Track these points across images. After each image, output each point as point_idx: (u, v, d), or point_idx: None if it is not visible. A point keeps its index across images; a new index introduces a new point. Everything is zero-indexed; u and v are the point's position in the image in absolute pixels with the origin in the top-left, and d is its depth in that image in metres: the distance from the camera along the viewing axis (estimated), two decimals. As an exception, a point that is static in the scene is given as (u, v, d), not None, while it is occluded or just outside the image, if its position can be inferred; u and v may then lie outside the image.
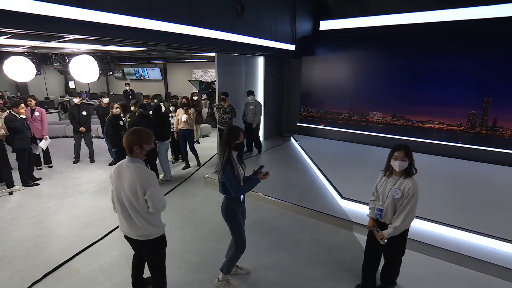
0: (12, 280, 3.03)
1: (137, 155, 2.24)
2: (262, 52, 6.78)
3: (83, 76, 5.80)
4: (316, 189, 5.03)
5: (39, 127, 6.06)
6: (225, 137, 2.60)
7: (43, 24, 2.95)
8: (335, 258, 3.41)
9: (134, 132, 2.24)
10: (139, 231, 2.31)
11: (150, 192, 2.17)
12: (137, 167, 2.21)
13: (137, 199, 2.19)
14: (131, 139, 2.20)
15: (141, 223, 2.27)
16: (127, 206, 2.24)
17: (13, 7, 2.66)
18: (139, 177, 2.17)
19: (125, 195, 2.21)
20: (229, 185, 2.58)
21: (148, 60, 13.19)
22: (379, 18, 7.07)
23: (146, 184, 2.17)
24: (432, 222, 3.73)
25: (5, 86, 12.08)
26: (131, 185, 2.17)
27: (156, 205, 2.23)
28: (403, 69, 6.75)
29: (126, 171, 2.22)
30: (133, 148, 2.20)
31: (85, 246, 3.57)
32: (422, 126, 6.73)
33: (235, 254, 2.86)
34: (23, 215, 4.34)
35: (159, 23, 3.97)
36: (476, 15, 5.95)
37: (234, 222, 2.78)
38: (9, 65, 5.83)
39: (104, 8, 3.33)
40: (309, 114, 8.43)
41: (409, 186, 2.42)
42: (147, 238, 2.34)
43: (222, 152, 2.64)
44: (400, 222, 2.44)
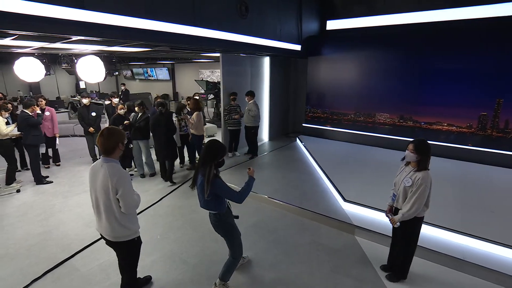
0: (13, 277, 3.08)
1: (115, 155, 2.26)
2: (267, 52, 6.74)
3: (90, 76, 5.87)
4: (319, 192, 4.96)
5: (49, 126, 6.20)
6: (212, 153, 2.46)
7: (44, 25, 3.00)
8: (335, 262, 3.35)
9: (114, 132, 2.26)
10: (110, 232, 2.31)
11: (121, 191, 2.17)
12: (111, 166, 2.21)
13: (109, 199, 2.20)
14: (113, 139, 2.21)
15: (112, 224, 2.27)
16: (100, 206, 2.25)
17: (16, 9, 2.71)
18: (110, 176, 2.16)
19: (99, 194, 2.22)
20: (229, 196, 2.52)
21: (156, 61, 13.32)
22: (386, 17, 6.94)
23: (118, 183, 2.16)
24: (437, 228, 3.62)
25: (19, 86, 12.40)
26: (104, 184, 2.18)
27: (128, 204, 2.22)
28: (411, 69, 6.60)
29: (100, 171, 2.22)
30: (118, 147, 2.24)
31: (86, 245, 3.61)
32: (431, 128, 6.56)
33: (234, 263, 2.83)
34: (29, 212, 4.43)
35: (161, 24, 3.99)
36: (487, 14, 5.78)
37: (233, 234, 2.75)
38: (20, 65, 5.96)
39: (107, 9, 3.36)
40: (315, 115, 8.34)
41: (419, 176, 2.61)
42: (118, 240, 2.34)
43: (206, 169, 2.42)
44: (407, 209, 2.64)
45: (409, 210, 2.63)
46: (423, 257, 3.34)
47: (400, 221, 2.75)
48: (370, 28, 7.23)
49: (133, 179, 5.79)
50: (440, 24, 6.26)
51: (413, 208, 2.61)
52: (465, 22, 6.00)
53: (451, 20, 6.12)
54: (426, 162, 2.66)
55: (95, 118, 6.56)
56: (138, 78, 16.32)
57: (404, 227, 2.79)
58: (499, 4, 5.61)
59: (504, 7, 5.56)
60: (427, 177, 2.61)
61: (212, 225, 2.72)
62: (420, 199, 2.59)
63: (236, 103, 6.59)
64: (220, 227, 2.70)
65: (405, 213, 2.66)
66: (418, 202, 2.59)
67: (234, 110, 6.55)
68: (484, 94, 5.86)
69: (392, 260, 3.13)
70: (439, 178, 5.10)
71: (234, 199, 2.52)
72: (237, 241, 2.78)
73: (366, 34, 7.23)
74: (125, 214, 2.29)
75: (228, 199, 2.58)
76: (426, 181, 2.60)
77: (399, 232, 2.90)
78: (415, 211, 2.62)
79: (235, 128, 6.67)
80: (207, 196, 2.43)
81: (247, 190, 2.60)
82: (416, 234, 2.85)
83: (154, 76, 15.58)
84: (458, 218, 3.83)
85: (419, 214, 2.70)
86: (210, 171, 2.41)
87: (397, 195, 2.83)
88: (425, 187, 2.59)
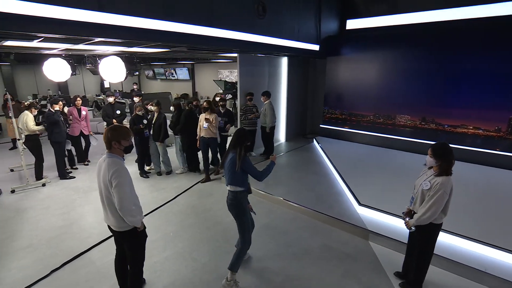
0: (35, 267, 3.26)
1: (115, 150, 2.38)
2: (285, 53, 6.70)
3: (111, 76, 6.11)
4: (333, 194, 4.87)
5: (85, 125, 6.52)
6: (241, 137, 2.88)
7: (67, 27, 3.13)
8: (346, 267, 3.27)
9: (114, 128, 2.39)
10: (114, 222, 2.43)
11: (114, 184, 2.26)
12: (112, 161, 2.32)
13: (108, 191, 2.32)
14: (110, 135, 2.34)
15: (114, 215, 2.39)
16: (104, 198, 2.39)
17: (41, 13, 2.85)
18: (110, 169, 2.28)
19: (102, 187, 2.36)
20: (253, 173, 2.91)
21: (176, 61, 13.60)
22: (409, 16, 6.68)
23: (114, 176, 2.26)
24: (456, 236, 3.44)
25: (48, 85, 13.07)
26: (104, 178, 2.31)
27: (121, 198, 2.27)
28: (434, 69, 6.32)
29: (102, 165, 2.36)
30: (112, 143, 2.35)
31: (102, 239, 3.75)
32: (455, 131, 6.25)
33: (243, 250, 3.00)
34: (52, 206, 4.66)
35: (178, 25, 4.05)
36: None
37: (245, 217, 2.98)
38: (48, 66, 6.30)
39: (125, 11, 3.46)
40: (333, 116, 8.19)
41: (438, 181, 2.49)
42: (121, 229, 2.46)
43: (237, 149, 2.86)
44: (422, 213, 2.54)
45: (423, 215, 2.52)
46: (440, 266, 3.19)
47: (415, 226, 2.64)
48: (392, 27, 6.99)
49: (150, 177, 5.97)
50: (466, 22, 5.94)
51: (428, 213, 2.50)
52: (493, 20, 5.66)
53: (478, 17, 5.79)
54: (447, 167, 2.52)
55: (120, 116, 6.78)
56: (160, 78, 16.73)
57: (419, 233, 2.68)
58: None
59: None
60: (446, 183, 2.48)
61: (228, 204, 3.00)
62: (437, 205, 2.47)
63: (252, 103, 6.58)
64: (234, 207, 2.96)
65: (420, 217, 2.55)
66: (434, 207, 2.47)
67: (250, 110, 6.54)
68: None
69: (407, 268, 3.02)
70: (463, 183, 4.87)
71: (257, 175, 2.91)
72: (247, 225, 2.99)
73: (388, 33, 7.00)
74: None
75: (251, 174, 2.91)
76: (445, 187, 2.47)
77: (414, 238, 2.80)
78: (430, 217, 2.50)
79: (250, 128, 6.62)
80: (237, 169, 2.81)
81: (268, 171, 2.97)
82: (432, 241, 2.71)
83: (174, 76, 15.91)
84: (480, 227, 3.62)
85: (435, 221, 2.57)
86: (240, 151, 2.84)
87: (415, 198, 2.73)
88: (443, 192, 2.46)
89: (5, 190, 5.21)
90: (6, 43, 4.49)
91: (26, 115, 5.43)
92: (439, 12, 6.22)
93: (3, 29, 2.81)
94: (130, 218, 2.37)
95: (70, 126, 6.22)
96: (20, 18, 2.74)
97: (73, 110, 6.37)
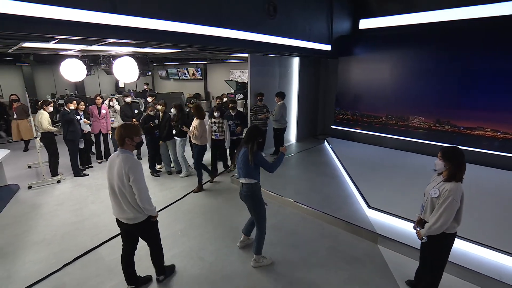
0: (48, 261, 3.37)
1: (128, 146, 2.53)
2: (296, 53, 6.66)
3: (124, 76, 6.23)
4: (342, 196, 4.81)
5: (104, 124, 6.69)
6: (253, 134, 3.06)
7: (81, 29, 3.22)
8: (353, 270, 3.22)
9: (127, 126, 2.57)
10: (126, 215, 2.58)
11: (133, 178, 2.42)
12: (126, 156, 2.48)
13: (124, 185, 2.46)
14: (123, 132, 2.50)
15: (128, 207, 2.54)
16: (116, 192, 2.52)
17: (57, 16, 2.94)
18: (125, 164, 2.43)
19: (115, 181, 2.49)
20: (265, 166, 3.08)
21: (189, 61, 13.76)
22: (425, 15, 6.52)
23: (131, 170, 2.42)
24: (471, 243, 3.33)
25: (66, 85, 13.50)
26: (119, 172, 2.44)
27: (140, 188, 2.47)
28: (450, 70, 6.14)
29: (116, 160, 2.50)
30: (125, 140, 2.50)
31: (112, 236, 3.83)
32: (471, 133, 6.05)
33: (262, 235, 3.23)
34: (65, 202, 4.81)
35: (189, 26, 4.09)
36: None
37: (260, 206, 3.17)
38: (65, 66, 6.50)
39: (137, 13, 3.53)
40: (344, 117, 8.09)
41: (447, 188, 2.38)
42: (133, 222, 2.61)
43: (249, 144, 3.04)
44: (432, 222, 2.43)
45: (434, 224, 2.40)
46: (454, 273, 3.09)
47: (427, 236, 2.51)
48: (407, 26, 6.84)
49: (160, 175, 6.06)
50: (484, 20, 5.74)
51: (438, 222, 2.37)
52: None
53: (496, 16, 5.58)
54: (457, 172, 2.39)
55: (137, 115, 6.85)
56: (173, 78, 16.97)
57: (431, 242, 2.55)
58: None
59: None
60: (456, 190, 2.34)
61: (243, 196, 3.17)
62: (447, 213, 2.35)
63: (263, 104, 6.55)
64: (250, 197, 3.14)
65: (431, 226, 2.43)
66: (445, 216, 2.35)
67: (260, 111, 6.51)
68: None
69: (419, 277, 2.91)
70: (479, 187, 4.73)
71: (268, 167, 3.09)
72: (263, 212, 3.19)
73: (402, 32, 6.85)
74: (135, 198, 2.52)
75: (264, 167, 3.08)
76: (455, 194, 2.33)
77: (427, 248, 2.67)
78: (441, 226, 2.38)
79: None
80: (251, 163, 3.00)
81: (278, 163, 3.15)
82: (445, 252, 2.58)
83: (187, 76, 16.09)
84: (496, 233, 3.50)
85: (448, 230, 2.43)
86: (253, 146, 3.01)
87: (424, 206, 2.62)
88: (453, 200, 2.33)
89: (22, 186, 5.41)
90: (24, 45, 4.66)
91: (42, 114, 5.61)
92: (456, 10, 6.04)
93: (22, 31, 2.93)
94: (149, 207, 2.56)
95: (91, 125, 6.41)
96: (38, 21, 2.83)
97: (94, 109, 6.55)
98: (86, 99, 11.70)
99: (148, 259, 3.04)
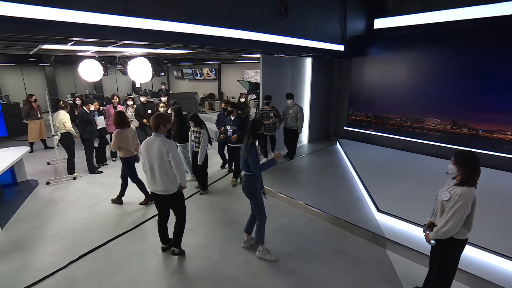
0: (61, 254, 3.50)
1: (161, 131, 3.15)
2: (308, 53, 6.61)
3: (138, 76, 6.38)
4: (352, 199, 4.73)
5: None
6: (250, 127, 3.25)
7: (96, 32, 3.33)
8: (358, 275, 3.17)
9: (160, 115, 3.26)
10: (162, 187, 3.16)
11: (171, 153, 3.07)
12: (162, 138, 3.13)
13: (163, 160, 3.08)
14: (158, 120, 3.14)
15: (164, 180, 3.13)
16: (155, 167, 3.11)
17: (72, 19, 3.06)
18: (164, 144, 3.08)
19: (154, 159, 3.09)
20: (251, 162, 3.16)
21: (203, 61, 13.92)
22: (443, 13, 6.30)
23: (169, 148, 3.07)
24: (485, 251, 3.20)
25: (85, 85, 14.00)
26: (159, 150, 3.06)
27: (177, 162, 3.11)
28: (469, 70, 5.91)
29: (154, 142, 3.11)
30: (160, 126, 3.13)
31: (122, 232, 3.94)
32: (490, 137, 5.81)
33: (261, 225, 3.38)
34: (80, 198, 4.98)
35: (200, 27, 4.14)
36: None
37: (256, 197, 3.32)
38: (83, 67, 6.73)
39: (149, 15, 3.61)
40: (357, 118, 7.95)
41: (458, 192, 2.33)
42: (167, 193, 3.20)
43: (247, 138, 3.25)
44: (440, 226, 2.39)
45: (442, 227, 2.34)
46: (466, 283, 2.99)
47: (436, 240, 2.47)
48: (423, 25, 6.65)
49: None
50: (505, 19, 5.48)
51: (446, 226, 2.31)
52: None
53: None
54: (469, 177, 2.32)
55: (150, 115, 7.00)
56: (187, 78, 17.21)
57: (440, 247, 2.49)
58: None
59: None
60: (468, 194, 2.27)
61: (243, 185, 3.36)
62: (456, 217, 2.28)
63: (270, 107, 6.13)
64: (248, 188, 3.32)
65: (439, 230, 2.37)
66: (453, 220, 2.29)
67: (266, 115, 6.09)
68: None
69: (428, 283, 2.82)
70: (498, 194, 4.53)
71: (252, 165, 3.17)
72: (259, 202, 3.35)
73: (418, 32, 6.66)
74: (172, 172, 3.13)
75: (250, 162, 3.17)
76: (466, 199, 2.26)
77: (435, 252, 2.60)
78: (449, 230, 2.31)
79: (268, 134, 6.09)
80: (244, 157, 3.19)
81: (265, 166, 3.26)
82: (454, 258, 2.50)
83: (201, 76, 16.29)
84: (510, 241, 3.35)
85: (457, 236, 2.36)
86: (248, 139, 3.21)
87: (435, 209, 2.57)
88: (463, 204, 2.26)
89: (41, 181, 5.65)
90: (44, 46, 4.87)
91: (64, 114, 5.82)
92: (476, 8, 5.81)
93: (41, 35, 3.06)
94: (183, 178, 3.19)
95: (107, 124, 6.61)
96: (54, 24, 2.95)
97: (110, 108, 6.75)
98: (104, 98, 12.09)
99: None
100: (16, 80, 13.57)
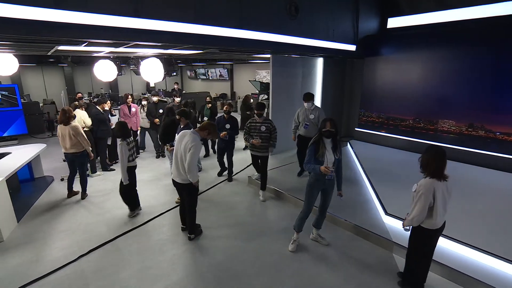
0: (71, 248, 3.62)
1: (202, 133, 3.52)
2: (318, 53, 6.55)
3: (150, 77, 6.49)
4: (360, 202, 4.66)
5: (135, 121, 7.05)
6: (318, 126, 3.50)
7: (107, 33, 3.42)
8: (364, 278, 3.12)
9: (214, 126, 3.64)
10: (181, 176, 3.53)
11: (191, 150, 3.34)
12: (195, 136, 3.44)
13: (185, 154, 3.39)
14: (209, 127, 3.56)
15: (180, 170, 3.50)
16: (179, 158, 3.47)
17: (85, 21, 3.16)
18: (193, 141, 3.37)
19: (180, 151, 3.45)
20: (306, 157, 3.30)
21: (216, 61, 14.04)
22: (459, 11, 6.11)
23: (193, 146, 3.34)
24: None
25: (101, 84, 14.40)
26: (186, 144, 3.39)
27: (191, 160, 3.35)
28: (486, 70, 5.71)
29: (187, 135, 3.44)
30: (205, 130, 3.53)
31: (130, 229, 4.04)
32: (508, 140, 5.58)
33: (300, 215, 3.58)
34: (92, 194, 5.13)
35: (209, 28, 4.18)
36: None
37: (307, 192, 3.47)
38: (98, 67, 6.92)
39: (159, 16, 3.68)
40: (369, 119, 7.82)
41: (420, 183, 2.59)
42: (184, 182, 3.55)
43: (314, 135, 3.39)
44: (409, 213, 2.66)
45: (409, 215, 2.64)
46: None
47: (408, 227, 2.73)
48: (439, 24, 6.47)
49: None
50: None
51: (411, 214, 2.61)
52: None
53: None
54: (426, 167, 2.58)
55: (162, 115, 7.09)
56: (200, 78, 17.41)
57: (411, 234, 2.79)
58: None
59: None
60: (426, 185, 2.50)
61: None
62: (418, 207, 2.53)
63: (262, 119, 4.72)
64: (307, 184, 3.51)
65: (407, 217, 2.68)
66: (416, 208, 2.55)
67: (256, 129, 4.70)
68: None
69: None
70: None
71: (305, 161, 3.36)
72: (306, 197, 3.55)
73: (434, 31, 6.48)
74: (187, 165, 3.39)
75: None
76: (425, 189, 2.49)
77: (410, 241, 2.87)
78: (414, 218, 2.57)
79: (257, 154, 4.87)
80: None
81: (309, 168, 3.27)
82: (425, 246, 2.74)
83: (214, 76, 16.43)
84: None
85: (424, 225, 2.60)
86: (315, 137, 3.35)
87: None
88: (422, 194, 2.49)
89: (56, 178, 5.86)
90: (60, 48, 5.04)
91: (81, 112, 5.99)
92: (493, 6, 5.60)
93: (56, 36, 3.18)
94: (191, 176, 3.44)
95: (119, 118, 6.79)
96: (68, 26, 3.06)
97: (124, 107, 6.92)
98: (119, 97, 12.39)
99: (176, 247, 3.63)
100: (37, 80, 14.10)
